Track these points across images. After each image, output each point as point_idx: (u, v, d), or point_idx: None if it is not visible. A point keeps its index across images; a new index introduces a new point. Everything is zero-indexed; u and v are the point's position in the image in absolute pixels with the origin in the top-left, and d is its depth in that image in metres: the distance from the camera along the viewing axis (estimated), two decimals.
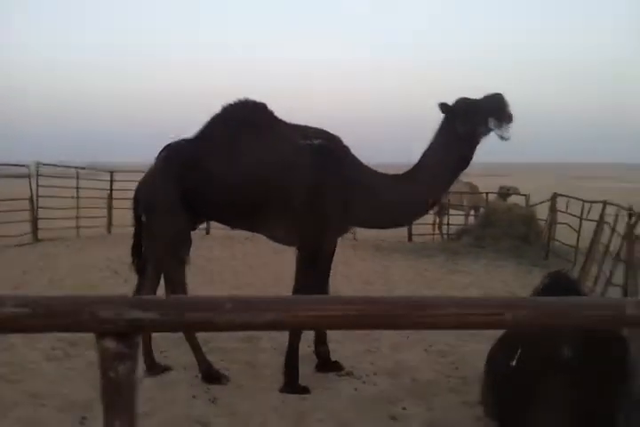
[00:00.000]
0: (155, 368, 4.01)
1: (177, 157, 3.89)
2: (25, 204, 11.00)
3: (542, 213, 10.56)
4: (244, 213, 3.80)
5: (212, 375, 3.89)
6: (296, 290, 3.74)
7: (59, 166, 12.62)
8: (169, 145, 3.97)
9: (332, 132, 3.90)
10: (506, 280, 7.47)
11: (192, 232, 4.06)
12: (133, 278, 4.34)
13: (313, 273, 3.81)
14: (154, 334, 4.34)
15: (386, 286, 7.31)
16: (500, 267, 8.61)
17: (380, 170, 3.96)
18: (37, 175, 11.19)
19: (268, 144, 3.73)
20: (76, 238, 11.35)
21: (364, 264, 9.07)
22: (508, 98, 3.58)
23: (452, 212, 12.57)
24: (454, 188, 12.47)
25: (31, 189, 10.99)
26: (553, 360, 2.74)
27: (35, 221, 10.93)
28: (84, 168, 14.18)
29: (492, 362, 3.27)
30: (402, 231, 12.07)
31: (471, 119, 3.56)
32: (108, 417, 1.18)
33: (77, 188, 11.98)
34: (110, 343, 1.16)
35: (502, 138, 3.59)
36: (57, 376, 3.89)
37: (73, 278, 7.50)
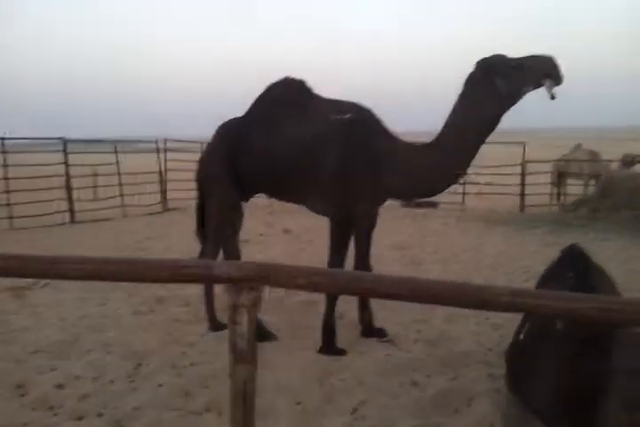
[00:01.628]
0: (215, 326, 4.48)
1: (227, 134, 4.24)
2: (155, 177, 12.24)
3: None
4: (286, 185, 4.06)
5: (260, 334, 4.25)
6: (330, 262, 3.94)
7: (184, 141, 13.80)
8: (223, 123, 4.32)
9: (364, 105, 4.00)
10: (607, 254, 6.97)
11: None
12: None
13: (347, 245, 3.96)
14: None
15: (474, 258, 7.21)
16: (605, 240, 8.02)
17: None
18: (165, 150, 12.37)
19: (304, 119, 3.93)
20: None
21: (459, 235, 8.98)
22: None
23: (571, 181, 11.79)
24: (573, 155, 11.77)
25: (160, 163, 12.20)
26: (549, 333, 2.71)
27: (164, 192, 12.14)
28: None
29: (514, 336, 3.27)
30: (515, 201, 11.63)
31: (521, 78, 3.50)
32: None
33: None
34: None
35: (552, 97, 3.51)
36: (134, 328, 4.52)
37: (185, 244, 8.34)
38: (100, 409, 3.18)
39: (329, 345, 4.01)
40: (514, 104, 3.59)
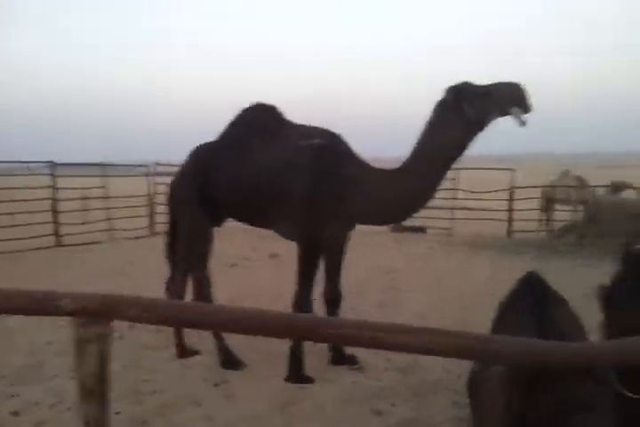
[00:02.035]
0: (182, 352, 4.41)
1: (198, 158, 4.26)
2: (143, 200, 12.26)
3: None
4: (256, 210, 4.04)
5: (229, 361, 4.21)
6: (298, 289, 3.91)
7: (174, 165, 13.85)
8: (195, 147, 4.34)
9: (334, 131, 4.05)
10: (586, 280, 6.92)
11: None
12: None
13: (314, 272, 3.93)
14: None
15: (458, 284, 7.16)
16: (589, 266, 8.01)
17: None
18: (155, 174, 12.42)
19: (273, 145, 3.95)
20: None
21: (444, 260, 8.93)
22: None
23: (561, 207, 11.83)
24: (561, 182, 11.82)
25: (149, 187, 12.23)
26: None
27: (152, 216, 12.14)
28: None
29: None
30: (503, 227, 11.63)
31: (488, 105, 3.52)
32: None
33: None
34: None
35: (522, 124, 3.53)
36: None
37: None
38: None
39: (296, 373, 3.94)
40: (481, 130, 3.62)
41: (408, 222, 12.88)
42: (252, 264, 8.71)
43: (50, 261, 8.90)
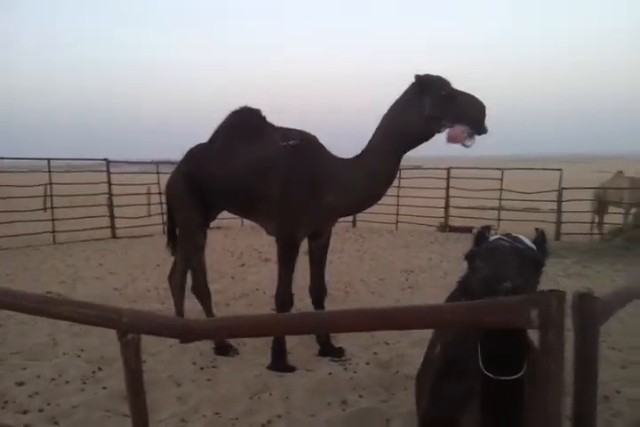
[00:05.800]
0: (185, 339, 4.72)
1: (189, 157, 4.64)
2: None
3: None
4: (240, 204, 4.39)
5: (221, 348, 4.47)
6: (279, 283, 4.12)
7: None
8: (190, 148, 4.67)
9: (308, 132, 4.28)
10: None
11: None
12: None
13: (292, 266, 4.13)
14: None
15: None
16: (622, 272, 7.69)
17: None
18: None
19: (255, 145, 4.19)
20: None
21: None
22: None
23: (613, 210, 11.31)
24: (613, 183, 11.26)
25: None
26: (431, 359, 2.76)
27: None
28: None
29: None
30: (550, 230, 11.27)
31: (445, 108, 3.51)
32: None
33: None
34: None
35: (465, 145, 3.53)
36: (111, 337, 4.81)
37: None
38: (44, 406, 3.48)
39: (278, 362, 4.14)
40: (433, 131, 3.60)
41: (456, 223, 12.74)
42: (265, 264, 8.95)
43: (108, 250, 9.63)
